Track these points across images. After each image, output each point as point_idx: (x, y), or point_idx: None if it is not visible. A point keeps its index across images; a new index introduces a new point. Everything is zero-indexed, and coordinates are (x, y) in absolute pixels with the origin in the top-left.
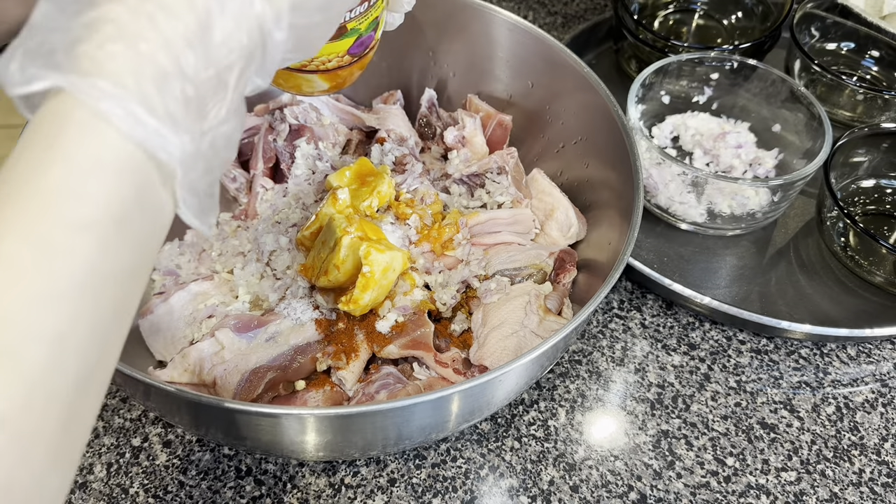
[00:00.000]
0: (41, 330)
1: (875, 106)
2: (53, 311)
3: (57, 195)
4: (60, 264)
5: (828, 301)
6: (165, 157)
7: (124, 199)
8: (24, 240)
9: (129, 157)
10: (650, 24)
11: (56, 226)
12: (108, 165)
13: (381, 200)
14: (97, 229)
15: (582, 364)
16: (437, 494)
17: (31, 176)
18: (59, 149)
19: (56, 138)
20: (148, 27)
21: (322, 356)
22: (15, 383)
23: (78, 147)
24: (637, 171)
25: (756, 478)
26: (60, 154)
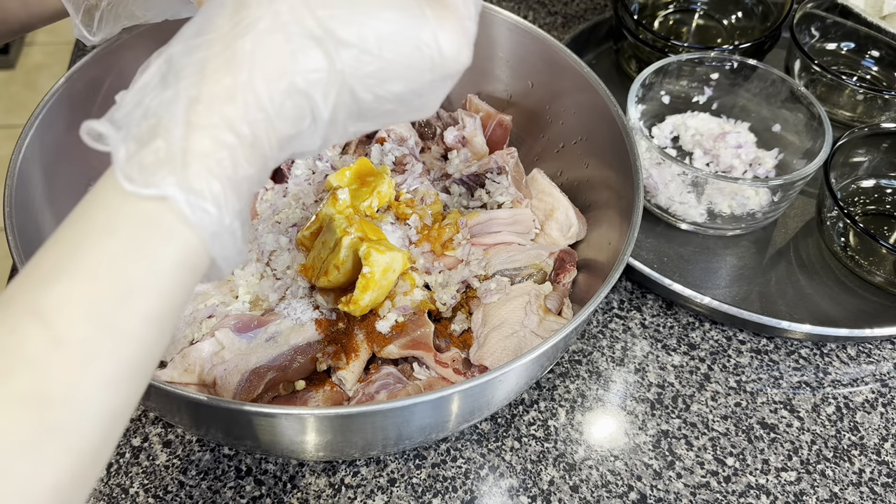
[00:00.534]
0: (101, 410)
1: (875, 106)
2: (113, 393)
3: (137, 290)
4: (126, 352)
5: (828, 301)
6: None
7: (186, 292)
8: (100, 326)
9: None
10: (650, 24)
11: (131, 318)
12: (185, 267)
13: (381, 200)
14: (162, 320)
15: (582, 364)
16: (437, 494)
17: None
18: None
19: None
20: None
21: (322, 356)
22: (69, 459)
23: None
24: (637, 171)
25: (756, 478)
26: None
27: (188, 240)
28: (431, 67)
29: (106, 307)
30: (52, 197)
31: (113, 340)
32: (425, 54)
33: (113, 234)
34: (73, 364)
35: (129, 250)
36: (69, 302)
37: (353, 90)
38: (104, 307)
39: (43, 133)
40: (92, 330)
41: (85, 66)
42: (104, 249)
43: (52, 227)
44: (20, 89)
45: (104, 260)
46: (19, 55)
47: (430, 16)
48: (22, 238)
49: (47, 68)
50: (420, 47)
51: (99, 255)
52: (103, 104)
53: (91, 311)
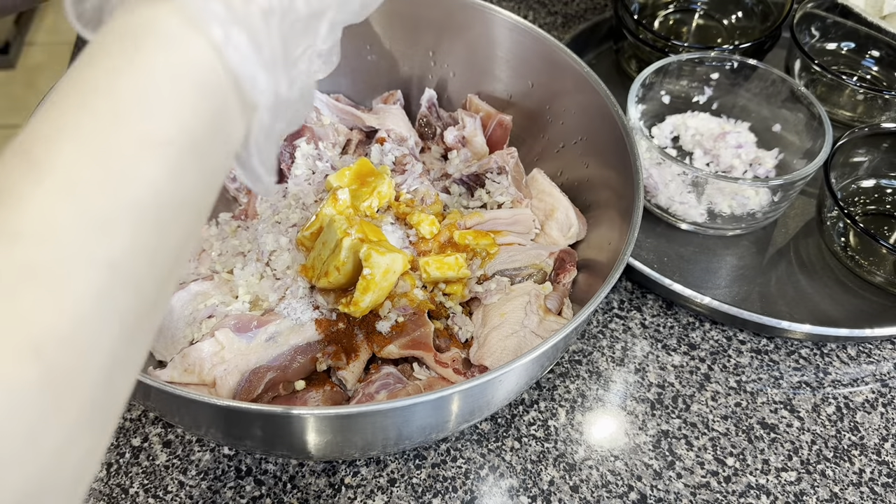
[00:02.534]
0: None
1: (875, 106)
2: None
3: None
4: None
5: (828, 301)
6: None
7: (201, 126)
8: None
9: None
10: (650, 24)
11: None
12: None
13: (381, 201)
14: (169, 151)
15: (582, 364)
16: (437, 494)
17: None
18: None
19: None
20: None
21: (322, 356)
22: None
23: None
24: (637, 171)
25: (756, 478)
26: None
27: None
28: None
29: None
30: None
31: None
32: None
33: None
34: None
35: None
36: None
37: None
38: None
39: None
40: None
41: None
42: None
43: None
44: (20, 89)
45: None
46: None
47: None
48: None
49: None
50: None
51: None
52: None
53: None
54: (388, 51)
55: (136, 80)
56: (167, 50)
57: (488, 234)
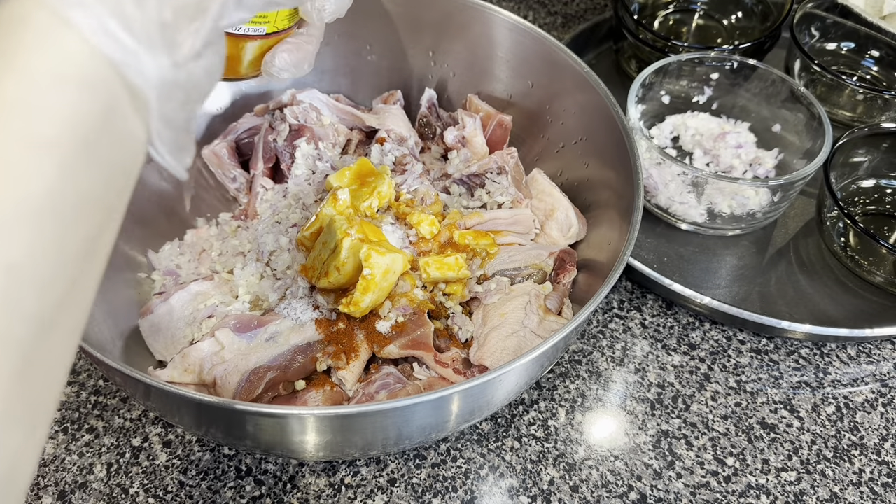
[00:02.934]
0: None
1: (875, 106)
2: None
3: (13, 108)
4: (13, 186)
5: (828, 301)
6: (139, 79)
7: (90, 119)
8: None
9: (96, 74)
10: (650, 24)
11: (10, 141)
12: (71, 79)
13: (381, 201)
14: (58, 150)
15: (582, 364)
16: (437, 494)
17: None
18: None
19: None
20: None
21: (322, 356)
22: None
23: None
24: (637, 171)
25: (756, 478)
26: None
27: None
28: None
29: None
30: None
31: None
32: None
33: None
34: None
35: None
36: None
37: None
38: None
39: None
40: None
41: None
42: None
43: None
44: None
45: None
46: None
47: None
48: None
49: None
50: None
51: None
52: None
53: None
54: (388, 51)
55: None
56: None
57: (488, 234)
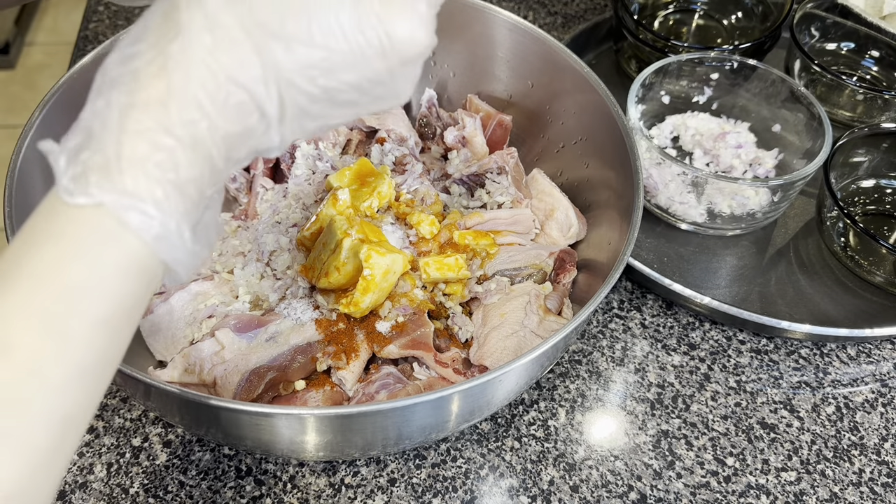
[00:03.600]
0: (51, 415)
1: (875, 106)
2: (63, 398)
3: (81, 292)
4: (75, 356)
5: (828, 301)
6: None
7: (137, 298)
8: (46, 331)
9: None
10: (650, 24)
11: (76, 320)
12: (131, 272)
13: (381, 201)
14: (111, 324)
15: (582, 364)
16: (437, 494)
17: (56, 273)
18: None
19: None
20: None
21: (322, 356)
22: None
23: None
24: (637, 171)
25: (756, 478)
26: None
27: (131, 244)
28: (382, 53)
29: (50, 312)
30: None
31: (59, 345)
32: (371, 40)
33: (54, 242)
34: (20, 370)
35: (70, 255)
36: (13, 308)
37: (294, 82)
38: (48, 312)
39: (43, 133)
40: (37, 335)
41: (85, 66)
42: (46, 255)
43: None
44: (20, 89)
45: (46, 266)
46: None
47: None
48: None
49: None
50: (363, 33)
51: (41, 261)
52: None
53: (35, 316)
54: None
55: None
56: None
57: (488, 234)
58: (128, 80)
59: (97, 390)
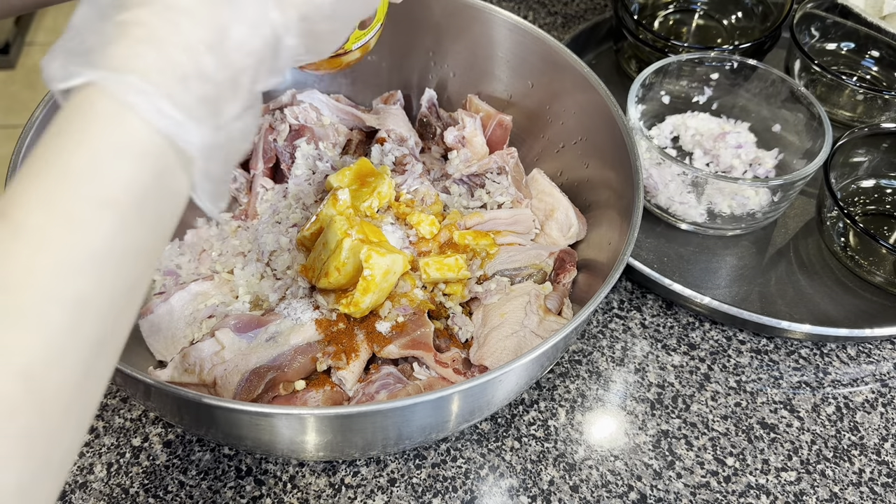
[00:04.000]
0: (63, 295)
1: (875, 106)
2: (74, 279)
3: (82, 175)
4: (83, 237)
5: (828, 301)
6: (186, 145)
7: (144, 182)
8: (50, 213)
9: (151, 144)
10: (650, 24)
11: (81, 202)
12: (130, 150)
13: (381, 201)
14: (118, 208)
15: (582, 364)
16: (437, 494)
17: (59, 157)
18: (86, 134)
19: (84, 125)
20: (173, 32)
21: (322, 356)
22: (38, 342)
23: (104, 133)
24: (637, 171)
25: (756, 478)
26: (87, 138)
27: (130, 124)
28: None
29: (54, 194)
30: None
31: (66, 226)
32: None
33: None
34: (30, 250)
35: (69, 141)
36: (22, 193)
37: None
38: (53, 194)
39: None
40: (44, 217)
41: None
42: (49, 144)
43: None
44: (20, 89)
45: (49, 152)
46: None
47: None
48: None
49: None
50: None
51: (45, 149)
52: None
53: (41, 199)
54: (388, 51)
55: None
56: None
57: (488, 234)
58: None
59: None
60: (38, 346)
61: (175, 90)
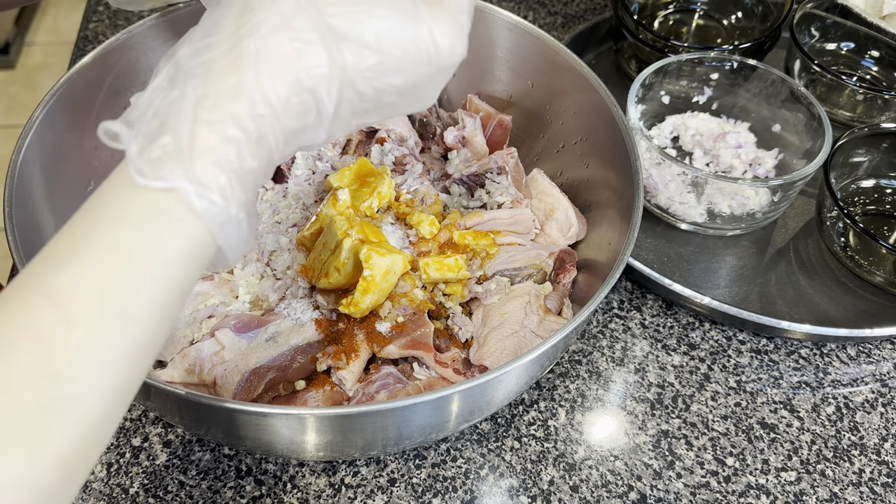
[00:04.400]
0: (105, 386)
1: (875, 106)
2: (118, 372)
3: (144, 274)
4: (133, 335)
5: (828, 301)
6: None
7: (191, 279)
8: (106, 310)
9: (207, 248)
10: (650, 24)
11: (138, 301)
12: (190, 255)
13: (381, 201)
14: (168, 307)
15: (582, 364)
16: (437, 494)
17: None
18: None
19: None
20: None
21: (322, 356)
22: (75, 432)
23: (172, 238)
24: (637, 171)
25: (756, 478)
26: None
27: (195, 229)
28: (428, 61)
29: (114, 290)
30: (52, 197)
31: (119, 322)
32: (422, 48)
33: (123, 223)
34: (82, 343)
35: (137, 238)
36: (80, 284)
37: (355, 84)
38: (112, 290)
39: (43, 133)
40: (100, 312)
41: (85, 66)
42: (115, 236)
43: (52, 227)
44: (20, 89)
45: (114, 246)
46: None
47: (424, 12)
48: (22, 238)
49: (47, 68)
50: (416, 41)
51: (110, 241)
52: (103, 104)
53: (100, 293)
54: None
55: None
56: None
57: (488, 234)
58: (201, 71)
59: (147, 364)
60: (77, 435)
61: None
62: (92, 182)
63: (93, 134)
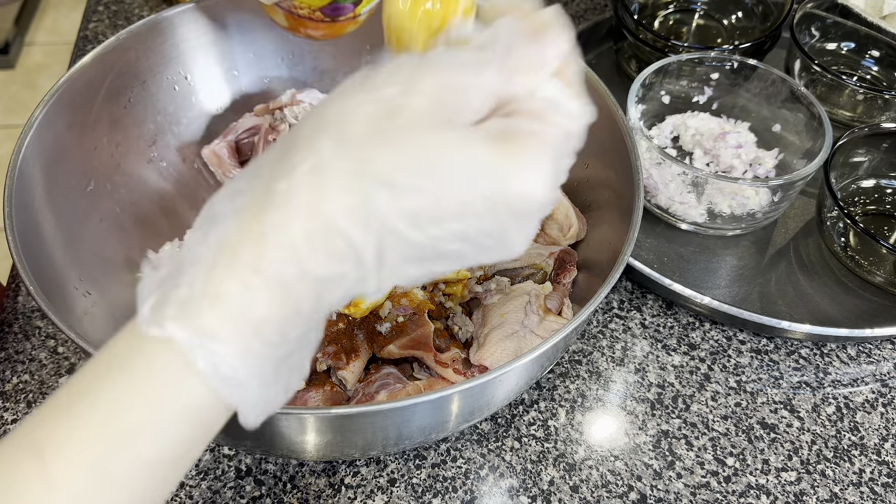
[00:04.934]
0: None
1: (875, 106)
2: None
3: (135, 433)
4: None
5: (828, 301)
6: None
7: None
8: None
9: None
10: (650, 24)
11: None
12: (190, 415)
13: None
14: (158, 467)
15: (582, 364)
16: (437, 494)
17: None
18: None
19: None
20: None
21: (322, 356)
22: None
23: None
24: (637, 171)
25: (756, 478)
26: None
27: (194, 387)
28: (493, 207)
29: (100, 452)
30: (52, 197)
31: (104, 488)
32: (481, 192)
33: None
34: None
35: (134, 394)
36: (69, 443)
37: (396, 229)
38: (99, 452)
39: (43, 133)
40: (84, 476)
41: (85, 66)
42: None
43: (52, 227)
44: (20, 89)
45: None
46: (19, 55)
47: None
48: (22, 238)
49: (47, 68)
50: (473, 184)
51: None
52: (103, 104)
53: (86, 455)
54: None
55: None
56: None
57: None
58: (229, 214)
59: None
60: None
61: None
62: (92, 182)
63: (93, 134)
